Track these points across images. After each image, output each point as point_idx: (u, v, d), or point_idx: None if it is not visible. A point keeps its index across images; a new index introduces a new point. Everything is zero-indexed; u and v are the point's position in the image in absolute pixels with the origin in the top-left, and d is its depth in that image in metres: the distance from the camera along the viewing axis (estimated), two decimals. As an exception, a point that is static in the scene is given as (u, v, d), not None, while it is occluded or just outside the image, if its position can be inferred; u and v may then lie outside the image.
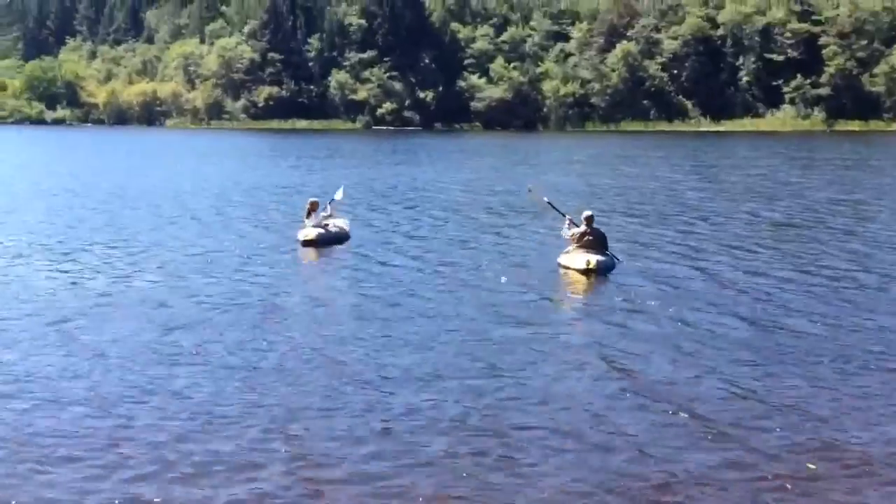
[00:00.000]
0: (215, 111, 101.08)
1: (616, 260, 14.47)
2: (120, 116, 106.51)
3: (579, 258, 13.99)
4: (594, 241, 14.31)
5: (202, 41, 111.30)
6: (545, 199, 16.52)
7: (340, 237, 17.62)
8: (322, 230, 17.25)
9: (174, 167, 40.55)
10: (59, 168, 39.08)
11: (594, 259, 13.81)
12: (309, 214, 17.54)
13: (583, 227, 14.48)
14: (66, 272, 14.42)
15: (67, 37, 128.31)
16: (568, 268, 14.13)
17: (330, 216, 18.00)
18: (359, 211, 22.25)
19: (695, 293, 12.66)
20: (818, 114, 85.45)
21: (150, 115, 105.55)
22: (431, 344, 10.11)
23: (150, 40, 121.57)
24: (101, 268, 14.82)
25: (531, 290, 12.99)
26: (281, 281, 13.96)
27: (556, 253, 15.05)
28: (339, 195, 19.14)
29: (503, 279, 13.58)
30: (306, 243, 16.86)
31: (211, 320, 11.16)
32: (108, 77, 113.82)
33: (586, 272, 13.69)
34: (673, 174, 35.31)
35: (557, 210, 15.57)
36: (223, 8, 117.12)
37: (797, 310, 11.57)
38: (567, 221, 14.91)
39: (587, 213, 14.80)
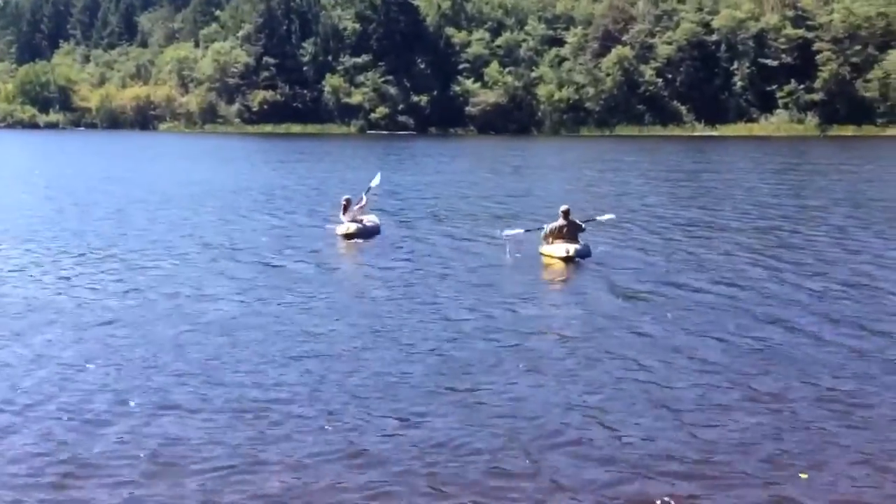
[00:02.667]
0: (209, 115, 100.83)
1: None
2: (113, 120, 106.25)
3: (559, 248, 15.78)
4: (570, 231, 15.93)
5: (196, 45, 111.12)
6: (519, 231, 17.10)
7: (373, 231, 18.68)
8: (360, 224, 18.38)
9: (180, 170, 40.89)
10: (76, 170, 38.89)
11: (572, 248, 15.66)
12: (344, 210, 18.55)
13: (560, 221, 15.95)
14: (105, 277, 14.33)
15: (61, 41, 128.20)
16: (552, 256, 15.76)
17: (362, 208, 18.87)
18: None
19: (684, 300, 12.53)
20: (812, 119, 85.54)
21: (144, 118, 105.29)
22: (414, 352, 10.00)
23: (144, 44, 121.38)
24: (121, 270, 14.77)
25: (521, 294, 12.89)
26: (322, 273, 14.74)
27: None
28: (375, 182, 20.22)
29: (517, 255, 15.69)
30: (347, 237, 18.02)
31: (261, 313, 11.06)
32: (102, 81, 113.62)
33: (566, 259, 15.44)
34: (648, 178, 35.20)
35: (531, 230, 16.78)
36: (217, 12, 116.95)
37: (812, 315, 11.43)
38: (544, 229, 16.23)
39: (564, 207, 16.24)
